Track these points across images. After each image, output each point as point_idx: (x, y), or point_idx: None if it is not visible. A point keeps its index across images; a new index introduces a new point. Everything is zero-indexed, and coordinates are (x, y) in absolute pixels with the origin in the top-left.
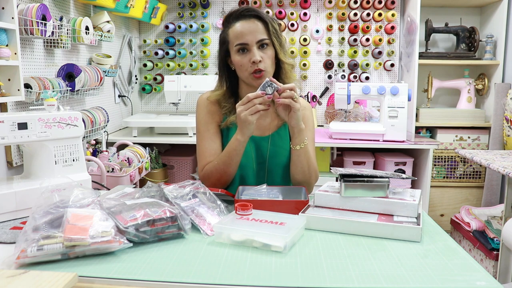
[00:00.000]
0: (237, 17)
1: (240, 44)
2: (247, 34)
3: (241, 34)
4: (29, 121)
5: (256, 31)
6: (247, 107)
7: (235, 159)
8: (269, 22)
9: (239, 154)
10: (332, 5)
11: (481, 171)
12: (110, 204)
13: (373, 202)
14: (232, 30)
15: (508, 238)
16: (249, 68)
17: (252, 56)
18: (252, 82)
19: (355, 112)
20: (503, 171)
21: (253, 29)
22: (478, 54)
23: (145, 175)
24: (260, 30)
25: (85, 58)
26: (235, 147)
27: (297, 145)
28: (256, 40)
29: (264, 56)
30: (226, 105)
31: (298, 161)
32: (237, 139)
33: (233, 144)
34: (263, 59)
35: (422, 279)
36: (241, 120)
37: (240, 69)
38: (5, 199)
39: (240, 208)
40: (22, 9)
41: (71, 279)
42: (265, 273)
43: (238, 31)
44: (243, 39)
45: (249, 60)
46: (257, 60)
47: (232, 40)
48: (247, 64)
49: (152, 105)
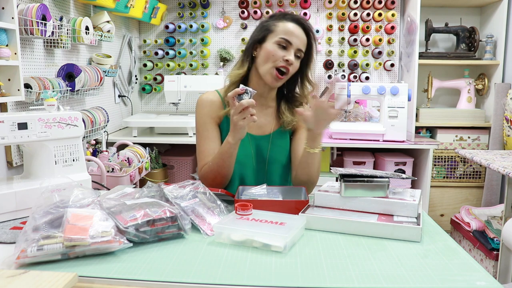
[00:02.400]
0: (293, 19)
1: (285, 40)
2: (296, 37)
3: (291, 33)
4: (29, 121)
5: (303, 41)
6: (242, 115)
7: (227, 161)
8: (314, 42)
9: (231, 156)
10: (332, 5)
11: (481, 171)
12: (110, 204)
13: (373, 202)
14: (285, 25)
15: (508, 238)
16: (278, 62)
17: (288, 55)
18: (268, 78)
19: (355, 112)
20: (503, 171)
21: (302, 38)
22: (478, 54)
23: (145, 175)
24: (304, 43)
25: (85, 58)
26: (227, 149)
27: (312, 148)
28: (298, 47)
29: (294, 64)
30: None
31: (309, 163)
32: (228, 142)
33: (225, 146)
34: (293, 64)
35: (422, 279)
36: (233, 123)
37: (269, 57)
38: (5, 199)
39: (240, 208)
40: (22, 9)
41: (71, 279)
42: (265, 273)
43: (290, 29)
44: (290, 37)
45: (283, 55)
46: (291, 60)
47: (279, 32)
48: (279, 57)
49: (152, 105)
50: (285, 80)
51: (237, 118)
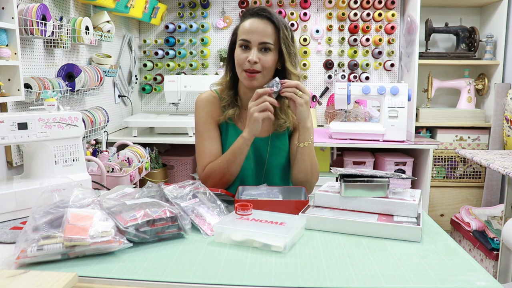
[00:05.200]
0: (251, 14)
1: (243, 40)
2: (253, 32)
3: (248, 31)
4: (29, 121)
5: (263, 33)
6: (257, 103)
7: (239, 157)
8: (281, 28)
9: (243, 152)
10: (332, 5)
11: (481, 171)
12: (110, 204)
13: (373, 202)
14: (243, 24)
15: (508, 238)
16: (244, 65)
17: (250, 55)
18: (244, 81)
19: (355, 112)
20: (503, 171)
21: (261, 29)
22: (478, 54)
23: (145, 175)
24: (268, 33)
25: (85, 58)
26: (240, 145)
27: (301, 142)
28: (259, 41)
29: (262, 59)
30: (225, 97)
31: (302, 159)
32: (242, 137)
33: (238, 142)
34: (260, 61)
35: (422, 279)
36: (250, 116)
37: (236, 63)
38: (5, 199)
39: (240, 208)
40: (22, 9)
41: (71, 279)
42: (265, 273)
43: (246, 28)
44: (247, 36)
45: (246, 57)
46: (253, 60)
47: (239, 34)
48: (243, 60)
49: (152, 105)
50: (261, 77)
51: (253, 109)
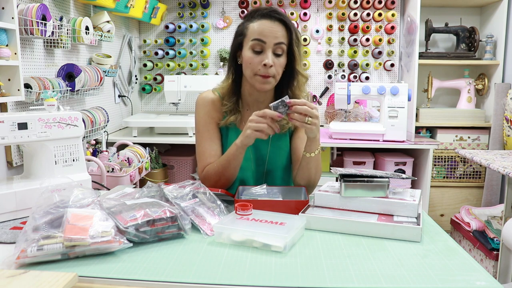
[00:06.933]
0: (262, 15)
1: (257, 40)
2: (268, 33)
3: (262, 32)
4: (29, 121)
5: (277, 34)
6: (258, 120)
7: (233, 163)
8: (293, 30)
9: (237, 159)
10: (332, 5)
11: (481, 171)
12: (110, 204)
13: (373, 202)
14: (253, 25)
15: (508, 238)
16: (258, 70)
17: (265, 58)
18: (255, 83)
19: (355, 112)
20: (503, 171)
21: (275, 31)
22: (478, 54)
23: (145, 175)
24: (281, 35)
25: (85, 58)
26: (233, 152)
27: (308, 152)
28: (274, 42)
29: (276, 63)
30: (227, 103)
31: (307, 168)
32: (236, 144)
33: (232, 149)
34: (274, 65)
35: (422, 279)
36: (246, 128)
37: (248, 66)
38: (5, 199)
39: (240, 208)
40: (22, 9)
41: (71, 279)
42: (265, 273)
43: (259, 29)
44: (263, 37)
45: (260, 61)
46: (269, 64)
47: (250, 35)
48: (257, 64)
49: (152, 105)
50: (273, 80)
51: (251, 125)
